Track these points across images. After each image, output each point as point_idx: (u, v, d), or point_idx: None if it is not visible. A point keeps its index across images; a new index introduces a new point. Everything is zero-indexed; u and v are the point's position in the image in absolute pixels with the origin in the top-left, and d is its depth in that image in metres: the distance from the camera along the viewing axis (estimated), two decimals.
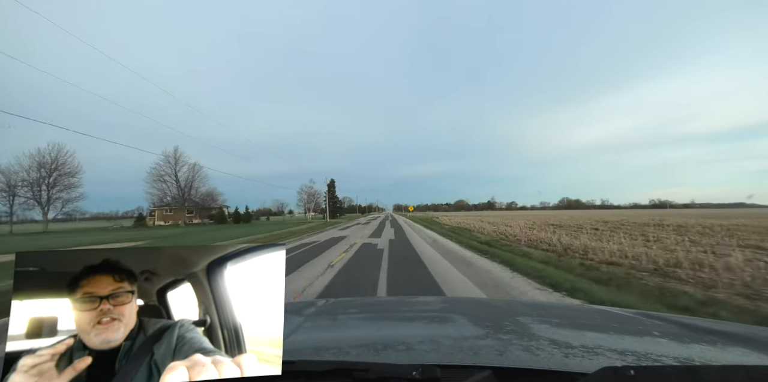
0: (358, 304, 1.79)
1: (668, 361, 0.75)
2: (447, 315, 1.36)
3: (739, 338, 0.99)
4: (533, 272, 6.24)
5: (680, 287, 5.33)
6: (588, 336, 1.01)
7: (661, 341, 0.96)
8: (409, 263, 8.08)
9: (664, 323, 1.19)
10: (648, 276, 6.24)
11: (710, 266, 6.73)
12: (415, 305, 1.67)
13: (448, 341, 0.91)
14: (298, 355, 0.78)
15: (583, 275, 6.15)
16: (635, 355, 0.79)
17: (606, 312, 1.49)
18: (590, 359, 0.75)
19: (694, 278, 5.91)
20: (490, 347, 0.85)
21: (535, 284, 5.50)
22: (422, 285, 5.64)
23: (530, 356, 0.77)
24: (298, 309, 1.45)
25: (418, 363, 0.65)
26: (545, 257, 8.60)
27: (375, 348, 0.87)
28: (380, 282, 5.90)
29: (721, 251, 8.90)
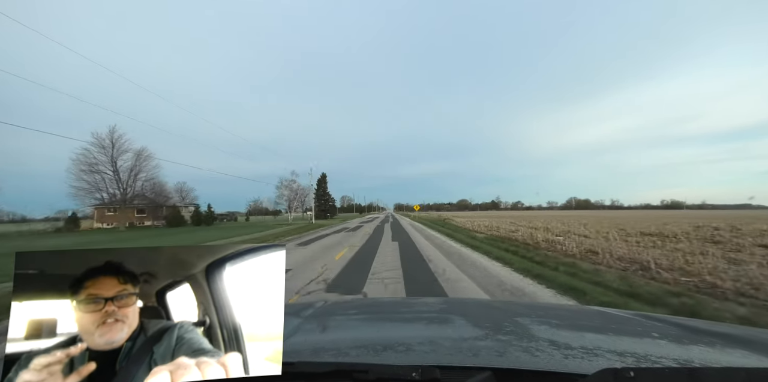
0: (357, 305, 1.79)
1: (668, 363, 0.76)
2: (446, 316, 1.36)
3: (739, 340, 0.99)
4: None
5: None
6: (587, 337, 1.01)
7: (660, 343, 0.96)
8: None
9: (663, 325, 1.19)
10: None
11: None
12: (415, 306, 1.67)
13: (448, 342, 0.91)
14: (298, 356, 0.78)
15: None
16: (635, 356, 0.79)
17: (605, 313, 1.49)
18: (590, 361, 0.75)
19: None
20: (489, 348, 0.85)
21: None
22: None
23: (530, 358, 0.77)
24: (297, 310, 1.45)
25: (418, 364, 0.66)
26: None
27: (374, 349, 0.87)
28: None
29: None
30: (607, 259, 8.06)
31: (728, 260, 7.64)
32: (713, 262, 7.36)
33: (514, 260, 8.06)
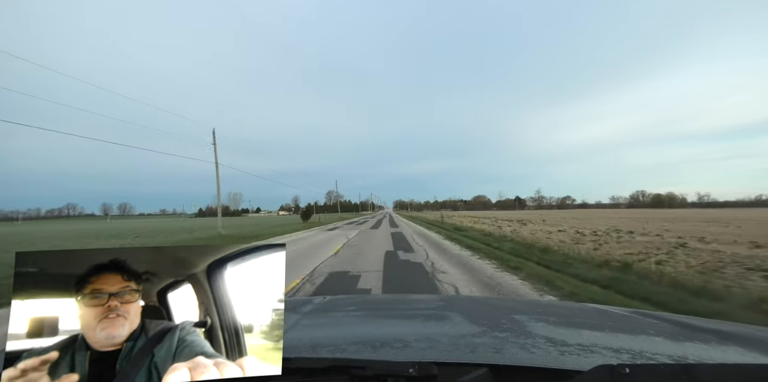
0: (355, 301, 1.80)
1: (663, 359, 0.77)
2: (444, 313, 1.37)
3: (735, 337, 1.00)
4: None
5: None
6: (584, 334, 1.02)
7: (656, 340, 0.97)
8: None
9: (659, 322, 1.21)
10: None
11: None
12: (412, 303, 1.68)
13: (445, 339, 0.91)
14: (295, 352, 0.79)
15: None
16: (630, 353, 0.80)
17: (602, 311, 1.50)
18: (586, 357, 0.76)
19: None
20: (486, 345, 0.86)
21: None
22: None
23: (526, 354, 0.78)
24: (295, 306, 1.46)
25: (415, 360, 0.66)
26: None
27: (372, 345, 0.88)
28: None
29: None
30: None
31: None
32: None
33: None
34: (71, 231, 33.74)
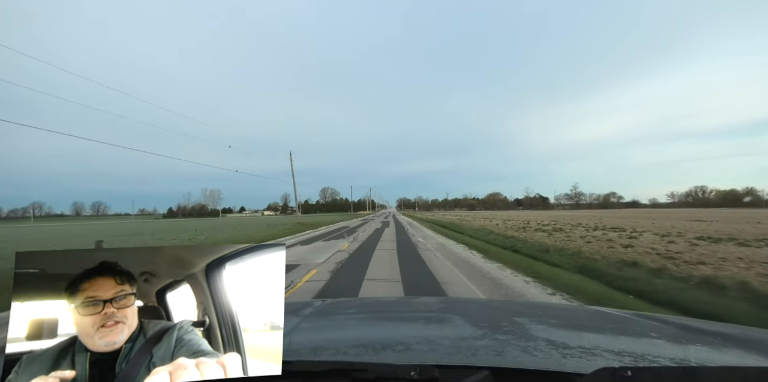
0: (355, 304, 1.79)
1: (665, 362, 0.76)
2: (445, 316, 1.36)
3: (736, 340, 0.99)
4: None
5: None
6: (585, 337, 1.02)
7: (657, 342, 0.96)
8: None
9: (660, 324, 1.20)
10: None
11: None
12: (413, 306, 1.67)
13: (446, 342, 0.91)
14: (296, 355, 0.78)
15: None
16: (632, 356, 0.79)
17: (603, 313, 1.49)
18: (587, 360, 0.75)
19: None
20: (487, 348, 0.85)
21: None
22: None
23: (528, 357, 0.77)
24: (296, 309, 1.45)
25: (417, 363, 0.66)
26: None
27: (373, 348, 0.88)
28: None
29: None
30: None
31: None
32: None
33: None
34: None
